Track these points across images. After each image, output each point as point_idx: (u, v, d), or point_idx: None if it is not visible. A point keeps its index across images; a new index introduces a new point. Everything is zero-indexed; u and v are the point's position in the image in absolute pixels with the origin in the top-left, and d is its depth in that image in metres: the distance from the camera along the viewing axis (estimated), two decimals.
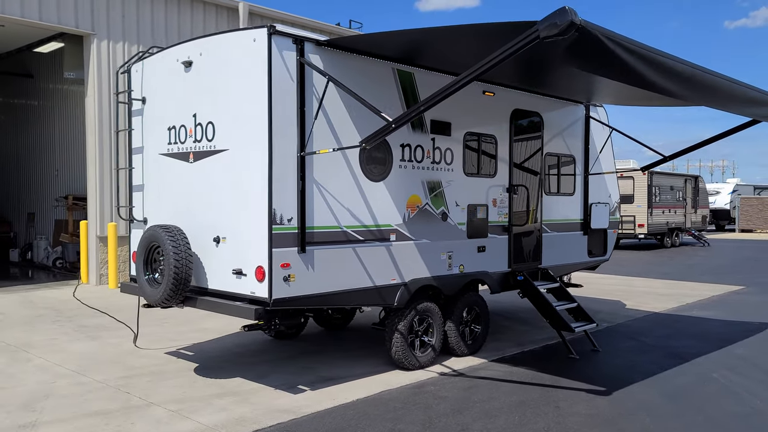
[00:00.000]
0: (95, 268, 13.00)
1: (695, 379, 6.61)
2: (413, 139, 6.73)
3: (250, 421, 5.23)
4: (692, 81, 5.10)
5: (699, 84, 5.27)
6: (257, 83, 5.57)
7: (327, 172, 5.94)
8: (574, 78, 7.43)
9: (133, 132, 7.12)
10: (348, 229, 6.13)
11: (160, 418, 5.30)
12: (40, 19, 12.09)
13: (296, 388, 6.15)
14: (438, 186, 7.03)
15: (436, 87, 6.73)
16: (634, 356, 7.52)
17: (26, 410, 5.47)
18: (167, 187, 6.67)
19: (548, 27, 3.99)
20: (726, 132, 7.59)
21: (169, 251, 5.90)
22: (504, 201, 7.85)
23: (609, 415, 5.47)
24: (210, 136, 6.10)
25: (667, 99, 7.78)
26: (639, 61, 4.39)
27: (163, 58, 6.67)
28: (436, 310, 7.02)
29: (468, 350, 7.38)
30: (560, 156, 8.77)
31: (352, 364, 6.97)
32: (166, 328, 8.73)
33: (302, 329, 8.52)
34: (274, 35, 5.51)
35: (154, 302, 6.18)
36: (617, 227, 10.09)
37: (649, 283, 14.07)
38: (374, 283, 6.35)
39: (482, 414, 5.46)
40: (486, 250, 7.60)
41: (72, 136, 16.24)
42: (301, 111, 5.69)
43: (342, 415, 5.43)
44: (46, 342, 7.94)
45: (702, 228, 27.80)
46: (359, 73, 6.18)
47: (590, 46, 4.14)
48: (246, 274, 5.75)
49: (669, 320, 9.81)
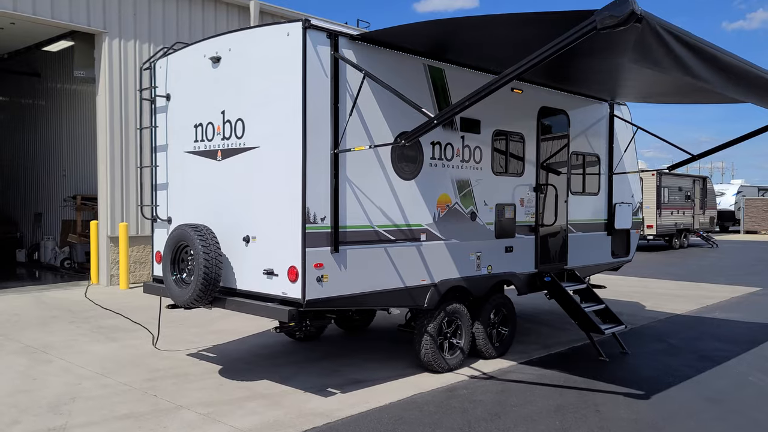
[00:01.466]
0: (106, 268, 12.85)
1: (732, 383, 6.47)
2: (444, 137, 6.60)
3: (285, 425, 5.09)
4: (737, 75, 4.97)
5: (748, 79, 5.14)
6: (291, 79, 5.43)
7: (359, 170, 5.80)
8: (601, 74, 7.31)
9: (156, 129, 6.96)
10: (379, 229, 5.99)
11: (191, 422, 5.16)
12: (52, 17, 11.95)
13: (326, 390, 6.01)
14: (467, 185, 6.90)
15: (465, 83, 6.70)
16: (665, 359, 7.38)
17: (54, 413, 5.33)
18: (193, 185, 6.53)
19: (607, 17, 3.86)
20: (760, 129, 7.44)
21: (199, 251, 5.76)
22: (531, 200, 7.72)
23: (652, 420, 5.33)
24: (239, 133, 5.96)
25: (695, 96, 7.67)
26: (692, 55, 4.26)
27: (189, 53, 6.54)
28: (465, 311, 6.89)
29: (496, 352, 7.24)
30: (585, 155, 8.65)
31: (379, 367, 6.84)
32: (183, 330, 8.59)
33: (323, 331, 8.38)
34: (308, 29, 5.38)
35: (182, 303, 6.03)
36: (639, 227, 9.97)
37: (665, 285, 13.94)
38: (405, 283, 6.22)
39: (521, 419, 5.32)
40: (513, 251, 7.47)
41: (80, 136, 16.10)
42: (335, 107, 5.56)
43: (377, 419, 5.29)
44: (65, 343, 7.79)
45: (710, 229, 27.69)
46: (391, 68, 6.05)
47: (647, 38, 4.02)
48: (277, 274, 5.61)
49: (692, 322, 9.68)
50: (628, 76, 7.04)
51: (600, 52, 5.20)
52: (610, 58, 5.82)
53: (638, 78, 7.07)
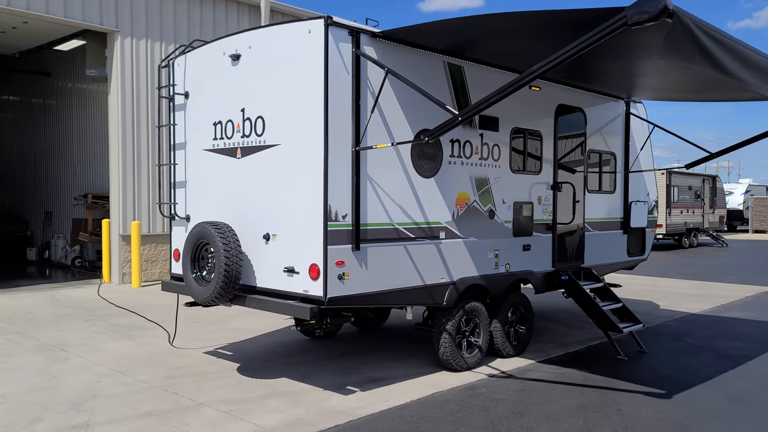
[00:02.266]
0: (117, 267, 12.88)
1: (755, 382, 6.43)
2: (462, 134, 6.57)
3: (307, 423, 5.08)
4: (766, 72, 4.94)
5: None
6: (313, 76, 5.42)
7: (380, 168, 5.78)
8: (618, 72, 7.26)
9: (175, 127, 6.95)
10: (400, 227, 5.97)
11: (213, 419, 5.15)
12: (65, 15, 11.98)
13: (345, 389, 6.00)
14: (486, 183, 6.87)
15: (485, 81, 6.67)
16: (684, 358, 7.34)
17: (76, 410, 5.33)
18: (212, 183, 6.52)
19: (638, 13, 3.83)
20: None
21: (220, 248, 5.75)
22: (548, 198, 7.68)
23: (676, 419, 5.30)
24: (260, 130, 5.95)
25: (716, 92, 7.62)
26: (721, 50, 4.23)
27: (208, 51, 6.53)
28: (483, 309, 6.86)
29: (513, 351, 7.22)
30: (601, 153, 8.61)
31: (396, 365, 6.82)
32: (198, 328, 8.59)
33: (339, 329, 8.37)
34: (331, 26, 5.37)
35: (202, 300, 6.02)
36: (654, 226, 9.92)
37: (677, 284, 13.88)
38: (424, 281, 6.20)
39: (544, 417, 5.30)
40: (531, 249, 7.44)
41: (91, 135, 16.13)
42: (356, 104, 5.54)
43: (399, 417, 5.28)
44: (81, 341, 7.80)
45: (719, 228, 27.56)
46: (410, 65, 6.03)
47: (678, 34, 3.99)
48: (298, 271, 5.59)
49: (708, 321, 9.63)
50: (647, 73, 7.00)
51: (623, 49, 5.16)
52: (632, 55, 5.79)
53: (656, 75, 7.03)
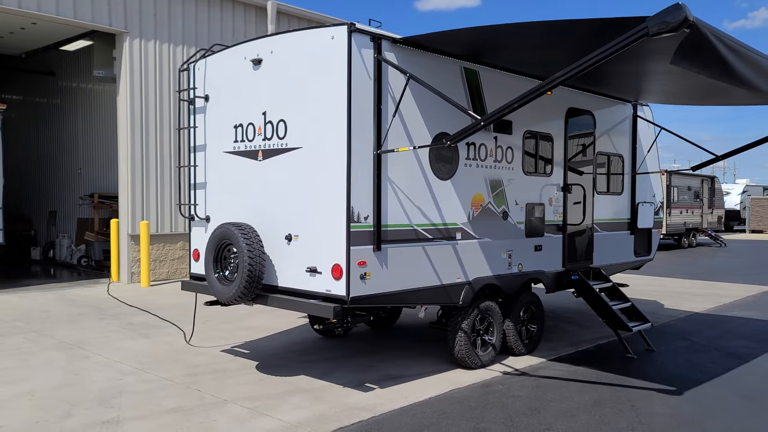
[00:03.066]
0: (126, 266, 12.99)
1: (763, 380, 6.60)
2: (478, 137, 6.71)
3: (332, 419, 5.22)
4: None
5: None
6: (336, 81, 5.55)
7: (399, 171, 5.92)
8: (626, 76, 7.42)
9: (195, 130, 7.08)
10: (418, 228, 6.12)
11: (239, 415, 5.29)
12: (75, 17, 12.08)
13: (364, 386, 6.14)
14: (499, 185, 7.02)
15: (499, 85, 6.83)
16: (692, 356, 7.51)
17: (104, 406, 5.46)
18: (232, 185, 6.65)
19: (660, 24, 3.98)
20: None
21: (243, 249, 5.89)
22: (559, 200, 7.84)
23: (689, 415, 5.46)
24: (281, 134, 6.08)
25: (724, 97, 7.78)
26: (737, 59, 4.38)
27: (229, 55, 6.65)
28: (496, 309, 7.01)
29: (525, 349, 7.37)
30: (610, 155, 8.76)
31: (411, 363, 6.96)
32: (213, 326, 8.71)
33: (352, 328, 8.51)
34: (353, 33, 5.50)
35: (226, 299, 6.15)
36: (660, 227, 10.09)
37: (680, 284, 14.06)
38: (441, 281, 6.34)
39: (561, 413, 5.45)
40: (542, 249, 7.59)
41: (96, 135, 16.23)
42: (378, 109, 5.68)
43: (420, 413, 5.42)
44: (98, 339, 7.93)
45: (718, 228, 27.80)
46: (428, 70, 6.16)
47: (697, 44, 4.14)
48: (321, 272, 5.73)
49: (712, 320, 9.80)
50: (656, 78, 7.15)
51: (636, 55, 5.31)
52: (643, 61, 5.94)
53: (665, 80, 7.18)
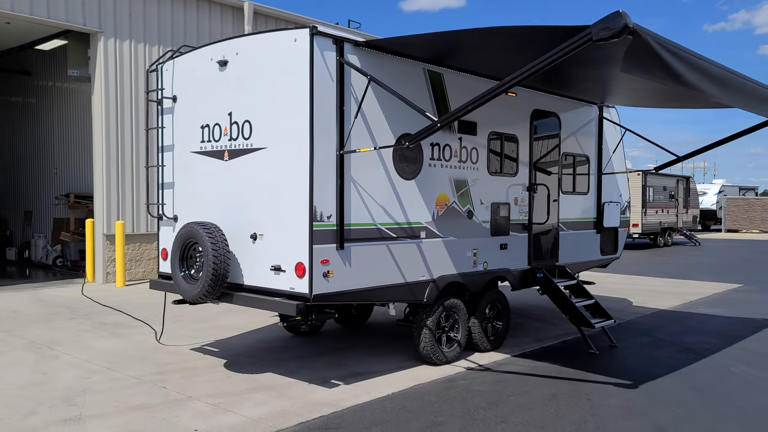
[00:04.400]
0: (101, 266, 12.97)
1: (717, 374, 6.80)
2: (442, 138, 6.85)
3: (293, 415, 5.33)
4: (725, 83, 5.29)
5: (731, 85, 5.45)
6: (299, 83, 5.66)
7: (363, 171, 6.04)
8: (591, 79, 7.61)
9: (163, 130, 7.14)
10: (382, 227, 6.24)
11: (203, 411, 5.37)
12: (48, 16, 12.05)
13: (330, 382, 6.25)
14: (464, 184, 7.16)
15: (463, 87, 6.97)
16: (652, 351, 7.71)
17: (68, 404, 5.51)
18: (199, 184, 6.72)
19: (602, 30, 4.14)
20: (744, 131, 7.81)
21: (208, 248, 5.97)
22: (524, 200, 8.00)
23: (641, 407, 5.63)
24: (247, 134, 6.17)
25: (682, 101, 8.01)
26: (682, 64, 4.55)
27: (196, 57, 6.73)
28: (462, 306, 7.15)
29: (491, 346, 7.52)
30: (575, 156, 8.95)
31: (379, 360, 7.08)
32: (185, 326, 8.77)
33: (322, 326, 8.61)
34: (315, 36, 5.61)
35: (191, 298, 6.23)
36: (627, 226, 10.31)
37: (651, 282, 14.34)
38: (405, 279, 6.47)
39: (518, 407, 5.60)
40: (508, 248, 7.75)
41: (72, 135, 16.17)
42: (340, 110, 5.79)
43: (381, 408, 5.54)
44: (69, 339, 7.95)
45: (693, 228, 28.27)
46: (392, 73, 6.29)
47: (639, 50, 4.30)
48: (285, 270, 5.83)
49: (678, 317, 10.04)
50: (618, 83, 7.35)
51: (593, 62, 5.48)
52: (602, 67, 6.12)
53: (627, 85, 7.37)
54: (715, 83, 5.11)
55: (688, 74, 4.63)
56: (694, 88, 4.84)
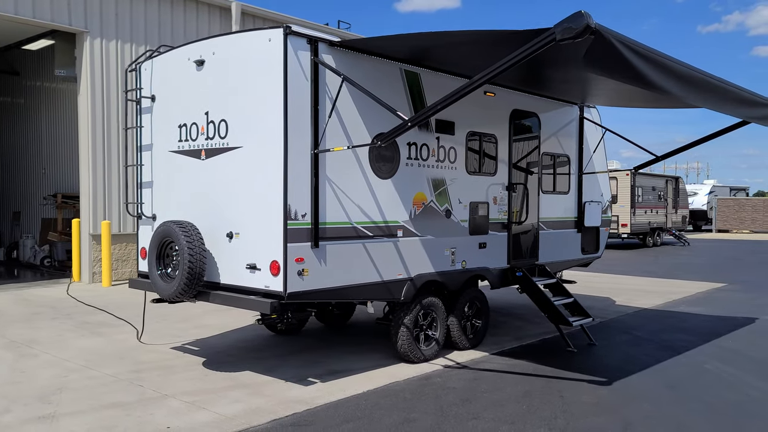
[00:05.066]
0: (88, 266, 12.97)
1: (690, 370, 6.88)
2: (419, 137, 6.90)
3: (266, 412, 5.36)
4: (692, 83, 5.35)
5: (698, 86, 5.53)
6: (273, 82, 5.70)
7: (338, 170, 6.09)
8: (570, 80, 7.67)
9: (142, 129, 7.17)
10: (358, 225, 6.28)
11: (177, 409, 5.40)
12: (33, 16, 12.05)
13: (306, 380, 6.29)
14: (442, 184, 7.21)
15: (440, 87, 7.01)
16: (629, 349, 7.78)
17: (43, 402, 5.54)
18: (177, 183, 6.76)
19: (565, 30, 4.20)
20: (719, 131, 7.90)
21: (184, 246, 6.00)
22: (504, 199, 8.06)
23: (612, 404, 5.70)
24: (223, 133, 6.21)
25: (660, 101, 8.08)
26: (646, 64, 4.61)
27: (174, 56, 6.76)
28: (440, 304, 7.20)
29: (469, 344, 7.57)
30: (556, 155, 9.02)
31: (357, 358, 7.12)
32: (166, 325, 8.79)
33: (304, 325, 8.64)
34: (289, 36, 5.65)
35: (167, 296, 6.26)
36: (609, 225, 10.38)
37: (636, 281, 14.43)
38: (382, 277, 6.51)
39: (491, 403, 5.65)
40: (487, 247, 7.80)
41: (60, 134, 16.15)
42: (315, 109, 5.84)
43: (355, 405, 5.58)
44: (50, 338, 7.97)
45: (682, 228, 28.41)
46: (368, 72, 6.34)
47: (602, 50, 4.36)
48: (260, 268, 5.87)
49: (659, 316, 10.11)
50: (598, 83, 7.41)
51: (571, 62, 5.54)
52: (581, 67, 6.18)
53: (607, 85, 7.43)
54: (682, 83, 5.18)
55: (652, 74, 4.69)
56: (659, 88, 4.90)
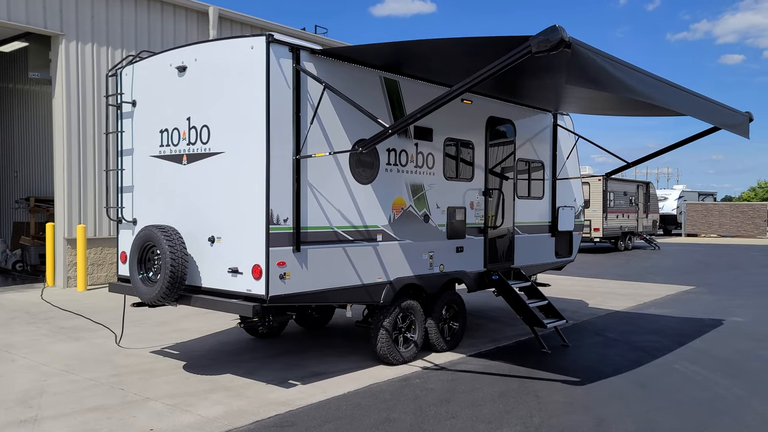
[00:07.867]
0: (62, 270, 12.85)
1: (660, 370, 7.12)
2: (398, 144, 7.05)
3: (249, 414, 5.44)
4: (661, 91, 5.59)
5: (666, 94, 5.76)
6: (255, 89, 5.79)
7: (319, 175, 6.20)
8: (544, 88, 7.89)
9: (123, 134, 7.19)
10: (339, 230, 6.40)
11: (160, 411, 5.45)
12: (8, 18, 11.94)
13: (287, 382, 6.37)
14: (420, 189, 7.36)
15: (419, 95, 7.17)
16: (602, 350, 8.01)
17: (24, 406, 5.53)
18: (158, 188, 6.80)
19: (540, 42, 4.38)
20: (689, 138, 8.18)
21: (166, 250, 6.05)
22: (480, 204, 8.24)
23: (585, 402, 5.89)
24: (204, 139, 6.27)
25: (632, 109, 8.35)
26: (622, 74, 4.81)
27: (155, 62, 6.81)
28: (418, 307, 7.34)
29: (447, 346, 7.73)
30: (530, 162, 9.24)
31: (338, 361, 7.23)
32: (146, 329, 8.79)
33: (284, 328, 8.72)
34: (272, 43, 5.75)
35: (149, 300, 6.30)
36: (581, 230, 10.64)
37: (608, 284, 14.76)
38: (362, 281, 6.63)
39: (468, 403, 5.81)
40: (464, 251, 7.97)
41: (33, 137, 15.97)
42: (297, 116, 5.94)
43: (336, 406, 5.69)
44: (27, 343, 7.92)
45: (652, 232, 29.04)
46: (349, 80, 6.46)
47: (576, 61, 4.55)
48: (242, 272, 5.94)
49: (629, 318, 10.40)
50: (570, 91, 7.64)
51: (545, 71, 5.73)
52: (554, 75, 6.40)
53: (579, 93, 7.67)
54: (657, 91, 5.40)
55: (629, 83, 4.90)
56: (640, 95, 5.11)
